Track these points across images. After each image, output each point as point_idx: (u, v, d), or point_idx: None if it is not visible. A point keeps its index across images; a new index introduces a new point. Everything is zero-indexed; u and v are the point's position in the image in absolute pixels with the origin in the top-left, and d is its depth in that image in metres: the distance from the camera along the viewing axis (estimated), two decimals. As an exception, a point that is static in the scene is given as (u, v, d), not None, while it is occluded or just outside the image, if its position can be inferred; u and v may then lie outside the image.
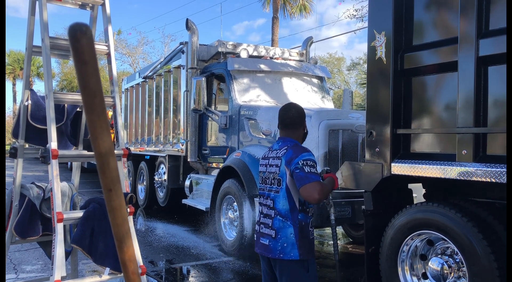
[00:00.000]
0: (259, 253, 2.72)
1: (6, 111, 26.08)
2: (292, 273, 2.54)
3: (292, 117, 2.78)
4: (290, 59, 8.20)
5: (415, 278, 3.50)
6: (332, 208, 3.03)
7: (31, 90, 3.46)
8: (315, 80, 8.00)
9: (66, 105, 3.48)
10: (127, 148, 3.18)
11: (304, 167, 2.51)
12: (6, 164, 7.15)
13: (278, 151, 2.70)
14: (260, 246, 2.68)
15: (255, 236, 2.79)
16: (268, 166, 2.75)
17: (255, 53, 7.98)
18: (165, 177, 9.01)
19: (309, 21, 73.16)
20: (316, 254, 6.38)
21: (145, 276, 3.07)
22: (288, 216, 2.56)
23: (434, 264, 3.33)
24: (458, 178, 2.99)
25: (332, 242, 7.29)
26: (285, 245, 2.53)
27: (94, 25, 3.54)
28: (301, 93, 7.56)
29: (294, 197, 2.59)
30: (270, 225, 2.61)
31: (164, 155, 9.01)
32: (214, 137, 7.39)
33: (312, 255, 2.61)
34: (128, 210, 2.93)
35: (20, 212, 3.39)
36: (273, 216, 2.61)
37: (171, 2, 70.89)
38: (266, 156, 2.82)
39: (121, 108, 11.52)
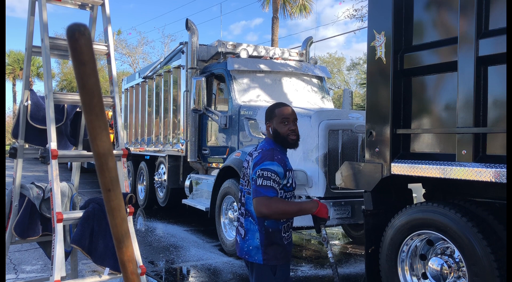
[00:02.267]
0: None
1: (6, 111, 26.09)
2: (258, 275, 2.53)
3: (265, 116, 2.71)
4: (290, 59, 8.20)
5: (415, 278, 3.50)
6: (329, 245, 2.76)
7: (31, 90, 3.45)
8: (315, 80, 8.00)
9: (65, 105, 3.48)
10: (126, 148, 3.18)
11: (258, 178, 2.43)
12: (6, 164, 7.16)
13: (256, 151, 2.62)
14: (235, 242, 2.70)
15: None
16: (248, 162, 2.68)
17: (255, 53, 7.98)
18: (165, 177, 9.01)
19: (306, 21, 73.23)
20: (316, 254, 6.38)
21: (144, 276, 3.07)
22: (256, 220, 2.52)
23: (434, 264, 3.33)
24: (458, 178, 2.99)
25: (332, 241, 7.30)
26: (250, 247, 2.52)
27: (93, 25, 3.54)
28: (301, 93, 7.56)
29: None
30: (242, 223, 2.60)
31: (164, 155, 9.01)
32: (214, 138, 7.39)
33: (282, 260, 2.53)
34: (128, 210, 2.93)
35: (20, 212, 3.39)
36: (245, 215, 2.59)
37: (171, 2, 70.91)
38: (250, 152, 2.72)
39: (121, 109, 11.52)
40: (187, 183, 7.83)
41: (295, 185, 2.66)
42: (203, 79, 6.95)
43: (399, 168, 3.41)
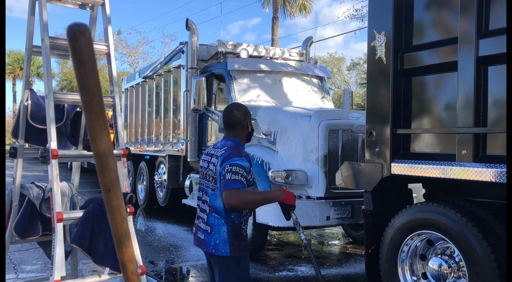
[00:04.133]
0: (196, 246, 2.84)
1: (6, 111, 26.08)
2: (224, 268, 2.67)
3: (234, 119, 2.83)
4: (290, 59, 8.19)
5: (415, 278, 3.50)
6: (301, 228, 2.97)
7: (31, 90, 3.45)
8: (315, 80, 8.00)
9: (66, 105, 3.48)
10: (127, 148, 3.18)
11: (227, 173, 2.57)
12: (6, 164, 7.15)
13: (219, 149, 2.75)
14: (197, 240, 2.79)
15: (194, 229, 2.88)
16: (209, 163, 2.80)
17: (255, 53, 7.98)
18: (165, 177, 9.01)
19: (305, 21, 73.15)
20: (316, 254, 6.39)
21: (144, 276, 3.07)
22: (223, 214, 2.64)
23: (434, 264, 3.33)
24: (458, 178, 2.99)
25: (332, 241, 7.30)
26: (217, 241, 2.64)
27: (94, 25, 3.54)
28: (301, 93, 7.55)
29: None
30: (205, 220, 2.71)
31: (164, 154, 9.01)
32: (214, 137, 7.39)
33: (244, 251, 2.70)
34: (128, 210, 2.93)
35: (20, 212, 3.39)
36: (208, 212, 2.71)
37: (171, 2, 70.91)
38: (208, 152, 2.87)
39: (121, 108, 11.52)
40: (187, 182, 7.83)
41: (254, 179, 2.83)
42: (203, 79, 6.95)
43: (399, 168, 3.41)
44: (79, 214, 2.96)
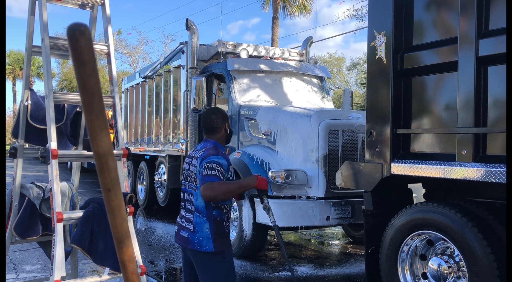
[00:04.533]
0: (179, 244, 2.96)
1: (6, 111, 26.08)
2: (209, 264, 2.82)
3: (212, 123, 3.00)
4: (290, 59, 8.19)
5: (415, 278, 3.50)
6: (270, 212, 3.16)
7: (31, 90, 3.45)
8: (315, 80, 8.00)
9: (66, 105, 3.48)
10: (127, 148, 3.18)
11: (204, 169, 2.74)
12: (6, 164, 7.15)
13: (199, 151, 2.93)
14: (180, 238, 2.91)
15: (176, 227, 3.00)
16: (190, 164, 2.96)
17: (255, 53, 7.98)
18: (165, 177, 9.01)
19: (304, 21, 73.10)
20: (316, 254, 6.39)
21: (144, 276, 3.07)
22: (204, 212, 2.80)
23: (434, 264, 3.33)
24: (457, 178, 2.99)
25: (332, 241, 7.30)
26: (201, 238, 2.78)
27: (94, 25, 3.54)
28: (301, 93, 7.55)
29: None
30: (190, 219, 2.86)
31: (164, 155, 9.01)
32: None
33: (228, 246, 2.87)
34: (128, 210, 2.93)
35: (20, 212, 3.39)
36: (192, 211, 2.87)
37: (171, 2, 70.90)
38: (190, 155, 3.04)
39: (121, 108, 11.52)
40: (187, 182, 7.82)
41: (234, 178, 3.02)
42: (203, 79, 6.95)
43: (399, 168, 3.41)
44: (79, 214, 2.96)
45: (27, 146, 3.51)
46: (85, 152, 3.31)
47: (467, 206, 3.18)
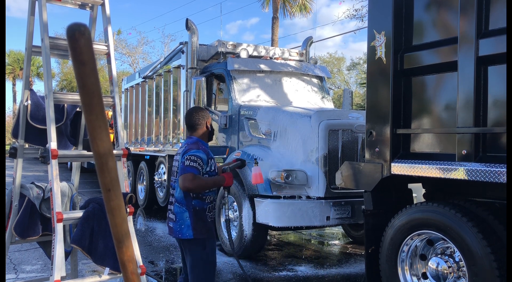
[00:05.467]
0: (169, 235, 3.25)
1: (6, 111, 26.08)
2: (191, 250, 3.09)
3: (193, 121, 3.28)
4: (290, 59, 8.19)
5: (415, 278, 3.50)
6: (226, 205, 3.68)
7: (31, 90, 3.45)
8: (315, 80, 8.00)
9: (65, 105, 3.48)
10: (126, 148, 3.18)
11: (185, 161, 3.04)
12: (6, 164, 7.15)
13: (182, 148, 3.22)
14: (169, 229, 3.22)
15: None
16: (175, 161, 3.29)
17: (255, 53, 7.98)
18: (165, 177, 9.01)
19: (303, 21, 73.09)
20: (316, 254, 6.39)
21: (144, 276, 3.07)
22: (183, 202, 3.09)
23: (434, 264, 3.33)
24: (457, 178, 2.99)
25: (332, 241, 7.30)
26: (182, 226, 3.06)
27: (93, 25, 3.54)
28: (301, 93, 7.55)
29: None
30: (172, 210, 3.17)
31: (164, 155, 9.00)
32: (213, 138, 7.38)
33: (209, 234, 3.11)
34: (128, 210, 2.93)
35: (20, 212, 3.39)
36: (173, 203, 3.16)
37: (171, 2, 70.89)
38: (177, 152, 3.33)
39: (121, 108, 11.52)
40: (187, 182, 7.82)
41: (217, 171, 3.31)
42: (203, 79, 6.95)
43: (399, 168, 3.41)
44: (79, 214, 2.96)
45: (27, 146, 3.51)
46: (85, 152, 3.31)
47: (467, 206, 3.18)
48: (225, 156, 6.84)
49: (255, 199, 5.59)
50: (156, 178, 9.59)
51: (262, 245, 6.00)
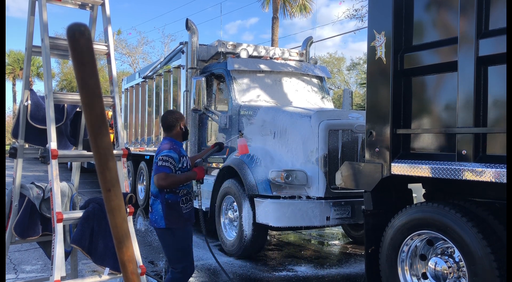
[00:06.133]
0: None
1: (6, 111, 26.08)
2: (162, 238, 3.48)
3: (168, 122, 3.59)
4: (290, 59, 8.19)
5: (415, 278, 3.50)
6: (199, 196, 3.97)
7: (31, 90, 3.45)
8: (315, 80, 8.00)
9: (65, 105, 3.48)
10: (126, 148, 3.18)
11: (158, 161, 3.39)
12: (6, 164, 7.14)
13: (158, 149, 3.53)
14: (149, 221, 3.56)
15: None
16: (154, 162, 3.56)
17: (255, 53, 7.98)
18: (165, 177, 9.00)
19: (303, 21, 73.06)
20: (316, 254, 6.39)
21: (144, 276, 3.07)
22: (158, 196, 3.44)
23: (434, 264, 3.33)
24: (457, 178, 2.99)
25: (332, 241, 7.29)
26: (156, 217, 3.44)
27: (93, 25, 3.54)
28: (301, 93, 7.55)
29: None
30: (150, 203, 3.54)
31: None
32: (214, 137, 7.39)
33: (180, 224, 3.45)
34: (128, 210, 2.93)
35: (20, 212, 3.39)
36: (151, 197, 3.53)
37: (171, 2, 70.90)
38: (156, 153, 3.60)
39: (121, 108, 11.52)
40: (187, 183, 7.82)
41: (190, 166, 3.63)
42: (203, 79, 6.95)
43: (399, 168, 3.41)
44: (79, 214, 2.96)
45: (27, 146, 3.51)
46: (85, 152, 3.31)
47: (467, 206, 3.18)
48: (225, 156, 6.85)
49: (255, 199, 5.59)
50: (156, 178, 9.57)
51: (262, 245, 6.00)
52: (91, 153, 3.00)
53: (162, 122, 3.65)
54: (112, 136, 7.33)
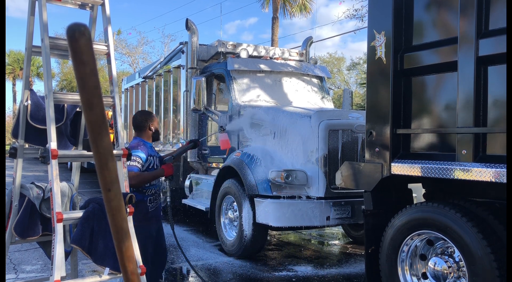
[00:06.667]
0: None
1: (6, 111, 26.08)
2: None
3: (137, 122, 3.73)
4: (290, 59, 8.19)
5: (415, 278, 3.50)
6: (168, 193, 4.22)
7: (31, 90, 3.45)
8: (315, 80, 8.00)
9: (65, 105, 3.47)
10: (126, 148, 3.18)
11: (127, 161, 3.36)
12: (6, 164, 7.12)
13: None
14: None
15: None
16: None
17: (255, 53, 7.98)
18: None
19: (302, 21, 73.09)
20: (316, 254, 6.39)
21: (144, 276, 3.07)
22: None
23: (434, 264, 3.33)
24: (457, 177, 2.99)
25: (332, 241, 7.30)
26: None
27: (93, 25, 3.54)
28: (301, 93, 7.55)
29: None
30: None
31: (163, 155, 8.99)
32: (214, 137, 7.39)
33: (143, 222, 3.52)
34: (128, 210, 2.93)
35: (20, 212, 3.39)
36: None
37: (171, 2, 70.90)
38: None
39: (121, 108, 11.52)
40: (187, 183, 7.83)
41: (158, 165, 3.74)
42: (203, 79, 6.95)
43: (399, 168, 3.41)
44: (79, 214, 2.96)
45: (27, 146, 3.51)
46: (85, 152, 3.31)
47: (467, 206, 3.18)
48: (225, 156, 6.85)
49: (255, 199, 5.59)
50: (156, 178, 9.58)
51: (262, 245, 6.00)
52: (91, 153, 3.00)
53: (132, 122, 3.76)
54: (112, 136, 7.33)
